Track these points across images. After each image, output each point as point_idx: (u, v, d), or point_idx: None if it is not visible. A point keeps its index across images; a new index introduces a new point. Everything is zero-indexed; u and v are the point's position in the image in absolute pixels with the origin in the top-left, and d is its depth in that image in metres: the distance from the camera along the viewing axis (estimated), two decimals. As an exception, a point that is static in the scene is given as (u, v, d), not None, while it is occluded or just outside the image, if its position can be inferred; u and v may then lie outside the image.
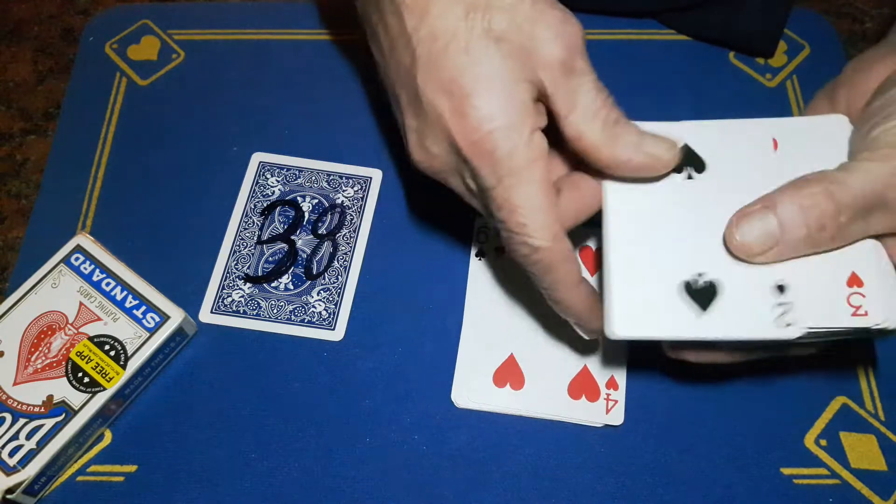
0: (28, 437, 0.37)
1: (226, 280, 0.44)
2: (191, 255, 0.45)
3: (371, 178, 0.47)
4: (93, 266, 0.42)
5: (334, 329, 0.43)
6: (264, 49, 0.52)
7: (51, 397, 0.38)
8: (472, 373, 0.41)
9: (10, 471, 0.36)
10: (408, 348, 0.42)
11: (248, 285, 0.44)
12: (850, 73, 0.36)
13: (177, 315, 0.41)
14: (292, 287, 0.44)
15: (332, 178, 0.47)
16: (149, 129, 0.49)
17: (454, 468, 0.39)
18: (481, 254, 0.44)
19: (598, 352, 0.41)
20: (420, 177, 0.36)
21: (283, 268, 0.44)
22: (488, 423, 0.40)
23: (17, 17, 0.55)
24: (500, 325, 0.42)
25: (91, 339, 0.40)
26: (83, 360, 0.39)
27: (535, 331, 0.42)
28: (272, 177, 0.47)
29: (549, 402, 0.41)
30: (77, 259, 0.42)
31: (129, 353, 0.39)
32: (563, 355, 0.42)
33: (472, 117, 0.31)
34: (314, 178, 0.47)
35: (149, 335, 0.40)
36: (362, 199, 0.47)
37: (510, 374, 0.41)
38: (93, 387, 0.39)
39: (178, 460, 0.39)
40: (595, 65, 0.50)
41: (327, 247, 0.45)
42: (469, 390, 0.41)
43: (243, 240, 0.45)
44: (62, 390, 0.38)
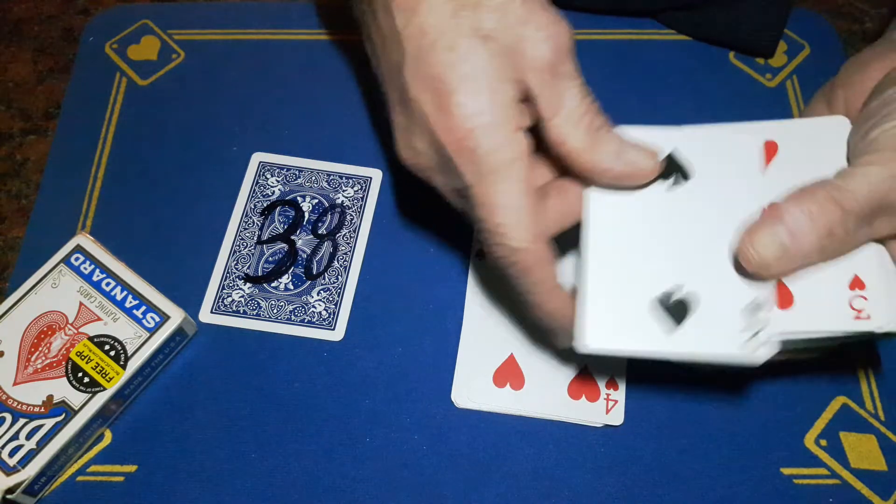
0: (28, 437, 0.37)
1: (226, 280, 0.44)
2: (191, 255, 0.45)
3: (371, 178, 0.47)
4: (93, 266, 0.42)
5: (334, 329, 0.43)
6: (264, 49, 0.52)
7: (51, 397, 0.38)
8: (472, 373, 0.41)
9: (10, 471, 0.36)
10: (408, 348, 0.42)
11: (248, 285, 0.44)
12: (846, 73, 0.36)
13: (177, 315, 0.41)
14: (292, 287, 0.44)
15: (332, 178, 0.47)
16: (149, 130, 0.49)
17: (454, 468, 0.39)
18: (481, 254, 0.44)
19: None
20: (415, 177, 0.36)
21: (283, 268, 0.44)
22: (488, 423, 0.40)
23: (17, 17, 0.55)
24: (500, 325, 0.42)
25: (91, 339, 0.40)
26: (83, 360, 0.39)
27: (535, 331, 0.42)
28: (272, 177, 0.47)
29: (549, 402, 0.41)
30: (77, 259, 0.42)
31: (129, 353, 0.39)
32: (563, 355, 0.42)
33: (455, 114, 0.31)
34: (314, 178, 0.47)
35: (149, 335, 0.40)
36: (362, 199, 0.47)
37: (510, 374, 0.41)
38: (93, 387, 0.39)
39: (178, 460, 0.39)
40: (595, 65, 0.51)
41: (327, 247, 0.45)
42: (469, 390, 0.41)
43: (243, 240, 0.45)
44: (62, 390, 0.38)
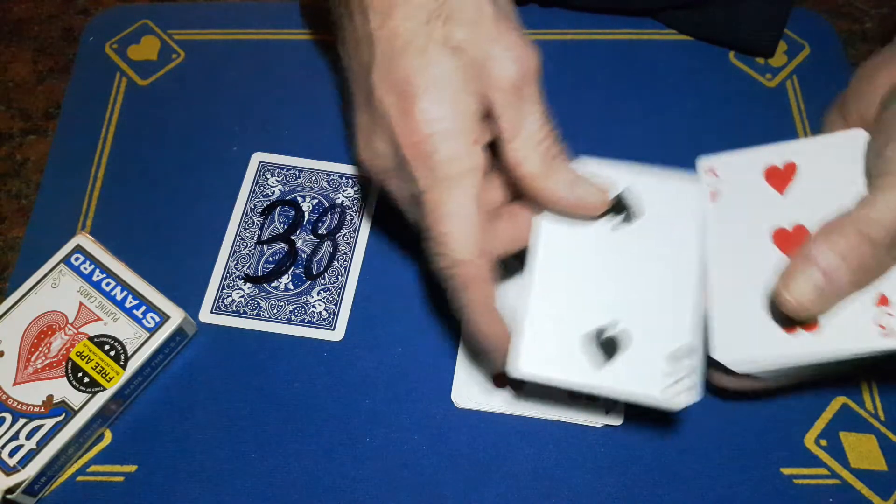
0: (28, 437, 0.37)
1: (226, 280, 0.44)
2: (191, 255, 0.45)
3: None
4: (93, 266, 0.42)
5: (334, 329, 0.43)
6: (264, 49, 0.52)
7: (51, 397, 0.38)
8: (472, 373, 0.41)
9: (10, 471, 0.36)
10: (408, 348, 0.42)
11: (248, 285, 0.44)
12: (856, 83, 0.37)
13: (177, 315, 0.41)
14: (292, 287, 0.44)
15: (332, 178, 0.47)
16: (149, 130, 0.49)
17: (454, 468, 0.39)
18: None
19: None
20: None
21: (283, 268, 0.44)
22: (488, 423, 0.40)
23: (17, 17, 0.55)
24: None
25: (91, 339, 0.40)
26: (83, 360, 0.39)
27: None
28: (272, 177, 0.47)
29: (549, 403, 0.41)
30: (77, 259, 0.42)
31: (129, 353, 0.39)
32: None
33: (416, 118, 0.31)
34: (314, 178, 0.47)
35: (149, 335, 0.40)
36: (362, 199, 0.47)
37: (510, 374, 0.41)
38: (93, 387, 0.39)
39: (178, 460, 0.39)
40: (595, 65, 0.51)
41: (327, 247, 0.45)
42: (469, 390, 0.41)
43: (243, 240, 0.45)
44: (62, 390, 0.38)
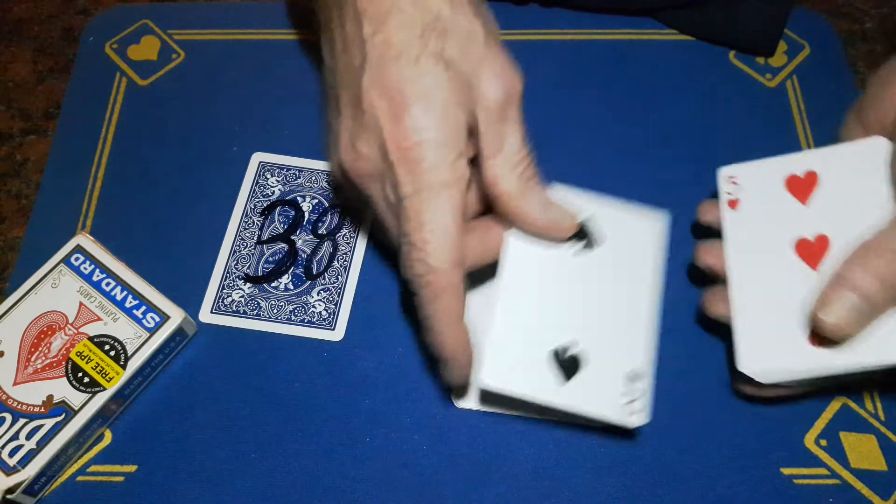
0: (28, 437, 0.37)
1: (226, 280, 0.44)
2: (191, 255, 0.45)
3: (371, 178, 0.47)
4: (93, 266, 0.42)
5: (334, 329, 0.43)
6: (264, 49, 0.52)
7: (51, 397, 0.38)
8: (472, 373, 0.41)
9: (10, 471, 0.36)
10: (408, 348, 0.42)
11: (248, 285, 0.44)
12: (872, 90, 0.37)
13: (177, 315, 0.41)
14: (292, 287, 0.44)
15: (332, 178, 0.47)
16: (149, 130, 0.49)
17: (454, 468, 0.39)
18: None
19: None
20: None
21: (283, 268, 0.44)
22: (488, 423, 0.40)
23: (17, 17, 0.55)
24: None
25: (91, 339, 0.40)
26: (83, 360, 0.39)
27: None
28: (272, 177, 0.47)
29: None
30: (77, 259, 0.42)
31: (129, 353, 0.39)
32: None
33: (406, 125, 0.32)
34: (314, 178, 0.47)
35: (149, 335, 0.40)
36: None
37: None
38: (93, 387, 0.39)
39: (178, 460, 0.39)
40: (595, 65, 0.52)
41: (327, 247, 0.45)
42: (469, 390, 0.41)
43: (243, 240, 0.45)
44: (62, 390, 0.38)
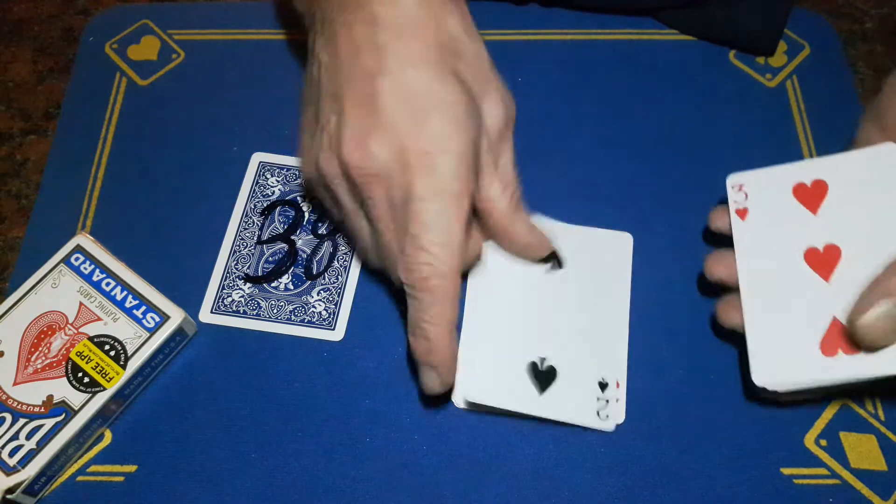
0: (28, 437, 0.37)
1: (226, 280, 0.44)
2: (191, 255, 0.45)
3: (371, 178, 0.47)
4: (93, 266, 0.42)
5: (334, 329, 0.43)
6: (264, 49, 0.52)
7: (51, 397, 0.38)
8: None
9: (10, 471, 0.36)
10: (408, 348, 0.42)
11: (248, 285, 0.44)
12: (888, 93, 0.37)
13: (177, 315, 0.41)
14: (292, 287, 0.44)
15: (332, 178, 0.47)
16: (149, 130, 0.49)
17: (454, 468, 0.39)
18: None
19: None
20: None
21: (283, 268, 0.44)
22: (488, 423, 0.40)
23: (17, 17, 0.55)
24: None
25: (91, 339, 0.40)
26: (83, 360, 0.39)
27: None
28: (272, 177, 0.47)
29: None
30: (77, 259, 0.42)
31: (129, 353, 0.39)
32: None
33: (430, 132, 0.32)
34: (314, 178, 0.47)
35: (149, 335, 0.40)
36: (362, 199, 0.47)
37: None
38: (93, 387, 0.39)
39: (178, 460, 0.39)
40: (595, 65, 0.52)
41: (327, 247, 0.45)
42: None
43: (243, 240, 0.45)
44: (62, 390, 0.38)
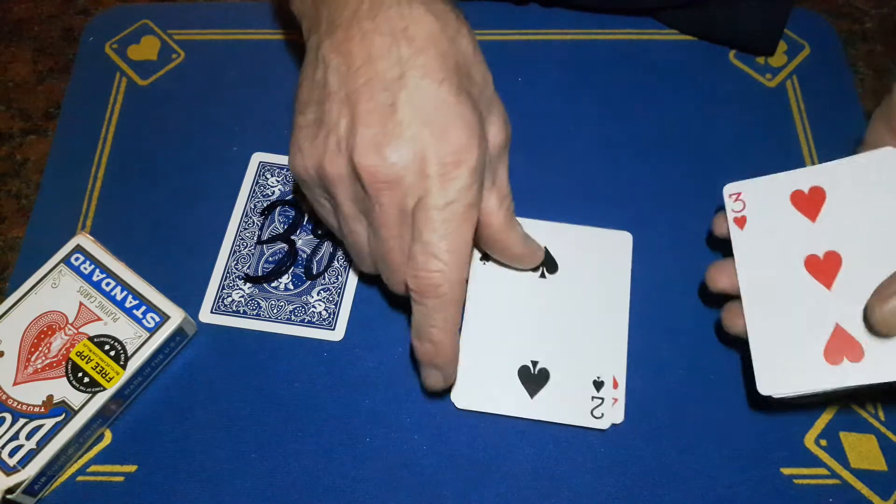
0: (28, 437, 0.37)
1: (226, 280, 0.44)
2: (191, 255, 0.45)
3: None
4: (93, 266, 0.42)
5: (334, 329, 0.43)
6: (264, 49, 0.52)
7: (51, 397, 0.38)
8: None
9: (10, 471, 0.36)
10: (408, 348, 0.42)
11: (248, 285, 0.44)
12: None
13: (177, 315, 0.41)
14: (292, 287, 0.44)
15: (332, 178, 0.47)
16: (149, 130, 0.49)
17: (454, 468, 0.39)
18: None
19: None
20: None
21: (283, 268, 0.44)
22: (488, 423, 0.40)
23: (17, 17, 0.55)
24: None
25: (91, 339, 0.40)
26: (83, 360, 0.39)
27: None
28: (272, 177, 0.47)
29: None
30: (77, 259, 0.42)
31: (129, 353, 0.39)
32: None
33: (452, 144, 0.33)
34: (314, 178, 0.47)
35: (149, 335, 0.40)
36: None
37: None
38: (93, 387, 0.39)
39: (178, 460, 0.39)
40: (595, 65, 0.52)
41: (327, 247, 0.45)
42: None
43: (243, 240, 0.45)
44: (62, 390, 0.38)
